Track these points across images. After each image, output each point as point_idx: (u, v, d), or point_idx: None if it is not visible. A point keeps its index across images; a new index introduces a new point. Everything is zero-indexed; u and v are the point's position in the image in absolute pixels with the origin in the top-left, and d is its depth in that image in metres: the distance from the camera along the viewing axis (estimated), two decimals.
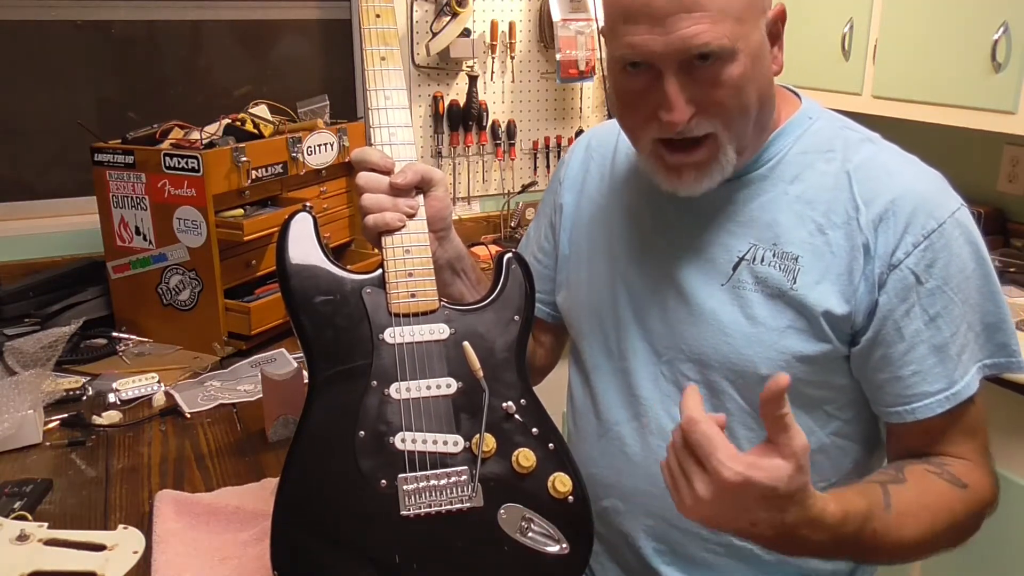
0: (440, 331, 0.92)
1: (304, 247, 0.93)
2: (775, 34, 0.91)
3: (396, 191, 0.94)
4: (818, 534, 0.78)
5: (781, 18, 0.91)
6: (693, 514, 0.78)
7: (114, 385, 1.50)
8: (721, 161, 0.90)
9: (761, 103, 0.90)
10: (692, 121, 0.87)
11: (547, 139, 2.64)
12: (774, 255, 0.94)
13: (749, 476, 0.72)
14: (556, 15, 2.46)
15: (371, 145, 0.96)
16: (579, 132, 2.68)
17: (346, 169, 1.93)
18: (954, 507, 0.90)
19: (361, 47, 0.96)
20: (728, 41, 0.84)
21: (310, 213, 0.95)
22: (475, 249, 2.41)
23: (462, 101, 2.47)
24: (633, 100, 0.91)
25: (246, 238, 1.65)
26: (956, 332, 0.91)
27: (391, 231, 0.94)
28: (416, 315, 0.92)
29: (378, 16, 0.97)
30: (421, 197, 0.96)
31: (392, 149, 0.95)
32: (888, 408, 0.95)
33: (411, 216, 0.95)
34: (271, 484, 1.17)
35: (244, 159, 1.66)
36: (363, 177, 0.94)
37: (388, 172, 0.95)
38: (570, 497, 0.91)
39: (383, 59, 0.96)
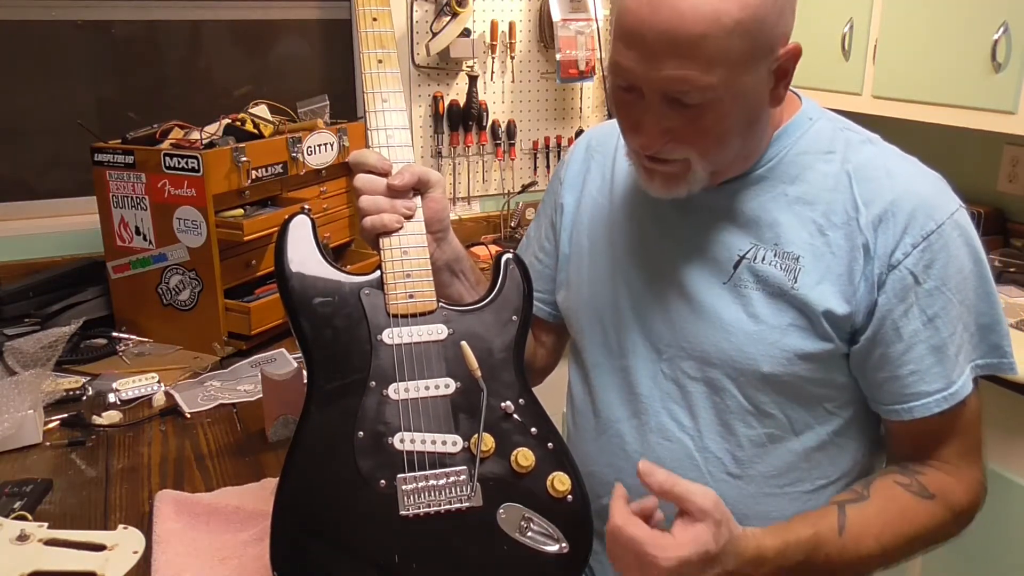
0: (438, 332, 0.92)
1: (302, 249, 0.93)
2: (784, 70, 0.88)
3: (394, 193, 0.95)
4: (762, 569, 0.85)
5: (794, 57, 0.88)
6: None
7: (114, 385, 1.50)
8: (689, 180, 0.92)
9: (746, 136, 0.91)
10: (667, 146, 0.89)
11: (547, 139, 2.64)
12: (775, 255, 0.95)
13: (681, 555, 0.80)
14: (556, 15, 2.46)
15: (369, 147, 0.96)
16: (579, 132, 2.68)
17: (346, 169, 1.93)
18: (917, 519, 0.93)
19: (358, 50, 0.97)
20: (713, 92, 0.83)
21: (308, 215, 0.95)
22: (475, 249, 2.41)
23: (462, 101, 2.47)
24: (621, 108, 0.93)
25: (246, 238, 1.65)
26: (954, 332, 0.92)
27: (389, 232, 0.94)
28: (414, 316, 0.92)
29: (375, 19, 0.97)
30: (419, 198, 0.97)
31: (390, 151, 0.96)
32: (886, 406, 0.96)
33: (409, 217, 0.95)
34: (271, 484, 1.17)
35: (244, 159, 1.66)
36: (361, 179, 0.95)
37: (386, 174, 0.95)
38: (569, 496, 0.91)
39: (380, 62, 0.97)
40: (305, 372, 0.94)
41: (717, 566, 0.82)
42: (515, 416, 0.92)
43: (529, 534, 0.89)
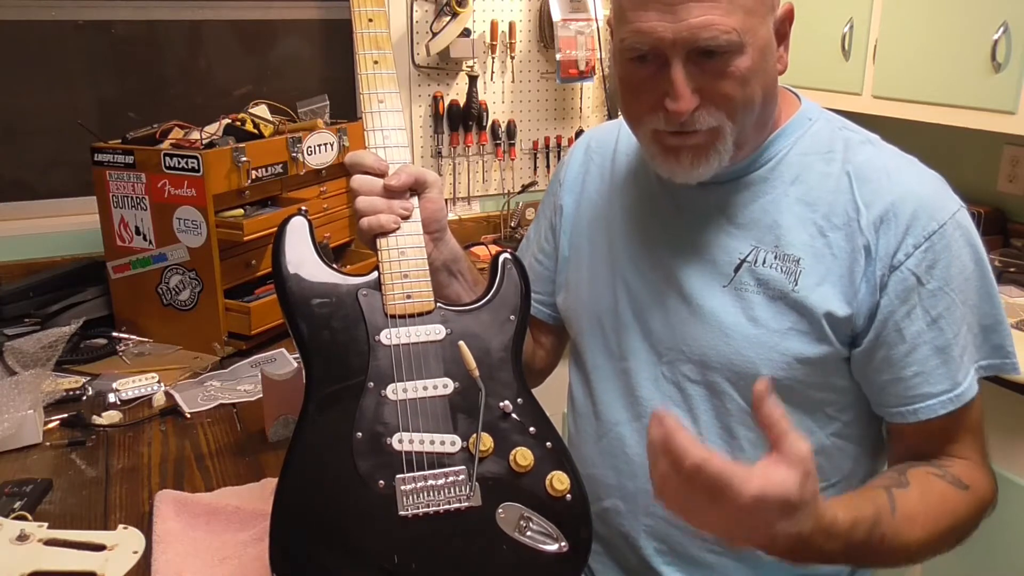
0: (436, 332, 0.92)
1: (300, 251, 0.93)
2: (782, 33, 0.91)
3: (390, 193, 0.94)
4: (832, 543, 0.78)
5: (789, 18, 0.92)
6: (711, 533, 0.78)
7: (114, 385, 1.50)
8: (719, 149, 0.90)
9: (765, 100, 0.91)
10: (696, 112, 0.87)
11: (547, 139, 2.64)
12: (776, 257, 0.94)
13: (764, 493, 0.71)
14: (556, 15, 2.46)
15: (367, 148, 0.96)
16: (579, 132, 2.67)
17: (346, 169, 1.93)
18: (956, 509, 0.90)
19: (354, 51, 0.97)
20: (737, 35, 0.84)
21: (305, 217, 0.95)
22: (475, 249, 2.41)
23: (462, 101, 2.47)
24: (637, 88, 0.91)
25: (246, 238, 1.65)
26: (958, 333, 0.92)
27: (386, 233, 0.94)
28: (412, 316, 0.92)
29: (371, 20, 0.97)
30: (416, 199, 0.97)
31: (386, 151, 0.96)
32: (891, 409, 0.95)
33: (405, 218, 0.95)
34: (271, 484, 1.17)
35: (244, 159, 1.66)
36: (357, 180, 0.95)
37: (382, 175, 0.95)
38: (568, 495, 0.91)
39: (376, 63, 0.97)
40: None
41: (792, 521, 0.73)
42: (513, 415, 0.92)
43: (528, 533, 0.89)
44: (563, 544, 0.89)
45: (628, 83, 0.92)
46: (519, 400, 0.93)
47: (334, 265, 0.95)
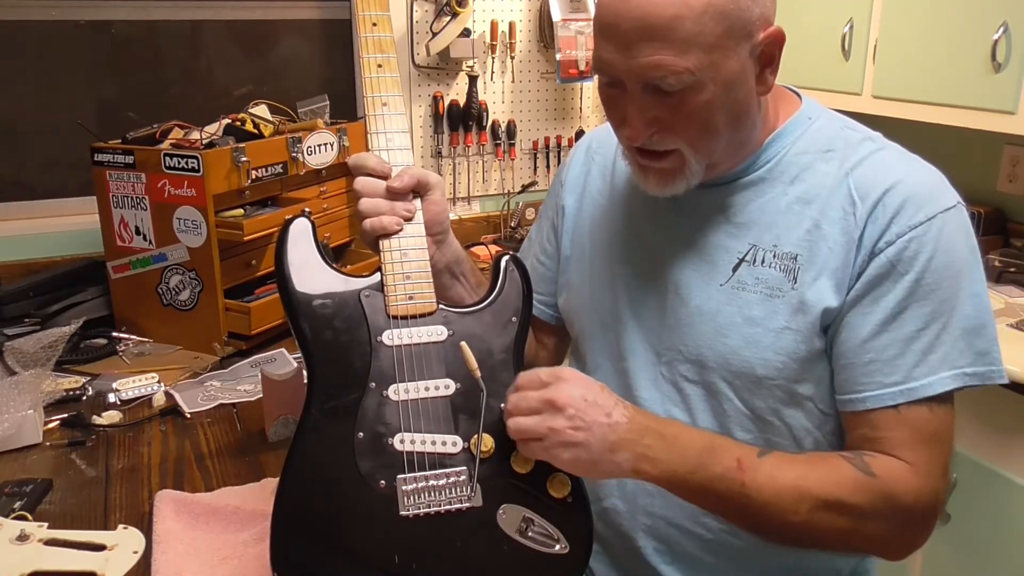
0: (438, 333, 0.93)
1: (303, 252, 0.93)
2: (768, 56, 0.89)
3: (393, 195, 0.95)
4: (661, 443, 0.87)
5: (777, 41, 0.88)
6: (570, 467, 0.88)
7: (114, 385, 1.50)
8: (686, 173, 0.92)
9: (735, 125, 0.90)
10: (654, 137, 0.89)
11: (547, 139, 2.64)
12: (774, 256, 0.94)
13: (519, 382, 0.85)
14: (556, 15, 2.46)
15: (369, 150, 0.97)
16: (579, 132, 2.68)
17: (346, 169, 1.93)
18: (846, 484, 0.87)
19: (358, 52, 0.97)
20: (690, 74, 0.84)
21: (308, 218, 0.95)
22: (475, 249, 2.41)
23: (462, 101, 2.47)
24: (607, 105, 0.94)
25: (246, 238, 1.65)
26: (924, 328, 0.89)
27: (388, 235, 0.94)
28: (414, 317, 0.92)
29: (375, 24, 0.97)
30: (418, 201, 0.97)
31: (389, 154, 0.96)
32: (842, 396, 0.93)
33: (408, 220, 0.95)
34: (271, 484, 1.17)
35: (244, 159, 1.66)
36: (360, 182, 0.95)
37: (385, 177, 0.95)
38: (569, 497, 0.91)
39: (380, 66, 0.97)
40: (305, 372, 0.94)
41: (594, 409, 0.85)
42: None
43: (529, 534, 0.89)
44: (564, 545, 0.90)
45: (602, 97, 0.95)
46: None
47: (336, 266, 0.95)
